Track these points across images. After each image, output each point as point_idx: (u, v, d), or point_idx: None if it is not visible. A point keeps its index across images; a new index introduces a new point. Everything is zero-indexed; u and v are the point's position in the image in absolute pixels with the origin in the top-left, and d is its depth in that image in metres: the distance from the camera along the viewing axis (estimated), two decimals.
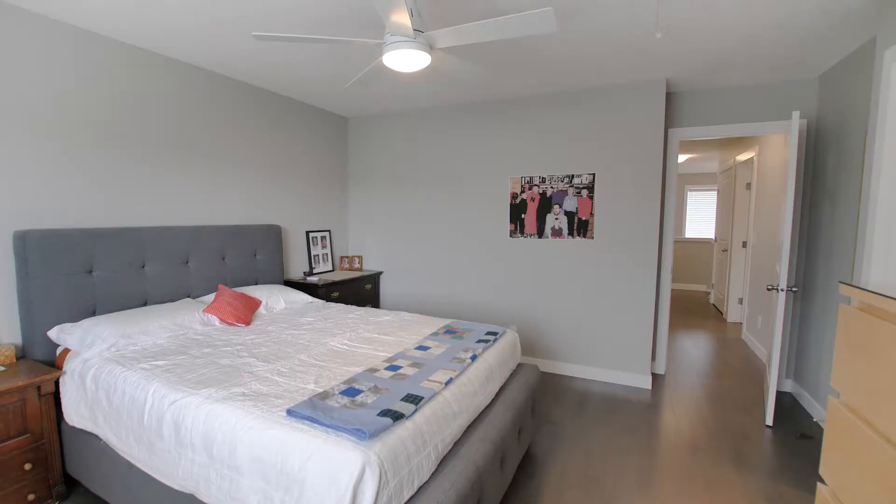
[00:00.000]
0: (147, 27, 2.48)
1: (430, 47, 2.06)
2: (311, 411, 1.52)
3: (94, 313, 2.46)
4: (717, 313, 6.44)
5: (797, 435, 2.86)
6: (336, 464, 1.32)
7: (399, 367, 2.00)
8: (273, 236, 3.67)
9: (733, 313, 5.90)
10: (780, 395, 3.50)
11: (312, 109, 4.27)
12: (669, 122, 3.79)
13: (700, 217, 8.90)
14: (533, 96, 3.87)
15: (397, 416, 1.52)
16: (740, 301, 5.76)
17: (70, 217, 2.48)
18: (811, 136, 3.38)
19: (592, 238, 3.75)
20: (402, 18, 1.86)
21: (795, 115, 2.83)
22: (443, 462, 1.66)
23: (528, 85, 3.58)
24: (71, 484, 2.22)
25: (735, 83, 3.51)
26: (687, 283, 8.53)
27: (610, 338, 3.76)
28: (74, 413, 2.05)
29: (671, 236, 3.83)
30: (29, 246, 2.21)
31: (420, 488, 1.50)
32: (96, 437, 1.98)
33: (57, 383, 2.11)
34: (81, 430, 2.04)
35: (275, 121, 3.84)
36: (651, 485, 2.33)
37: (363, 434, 1.38)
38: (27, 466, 1.98)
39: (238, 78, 3.41)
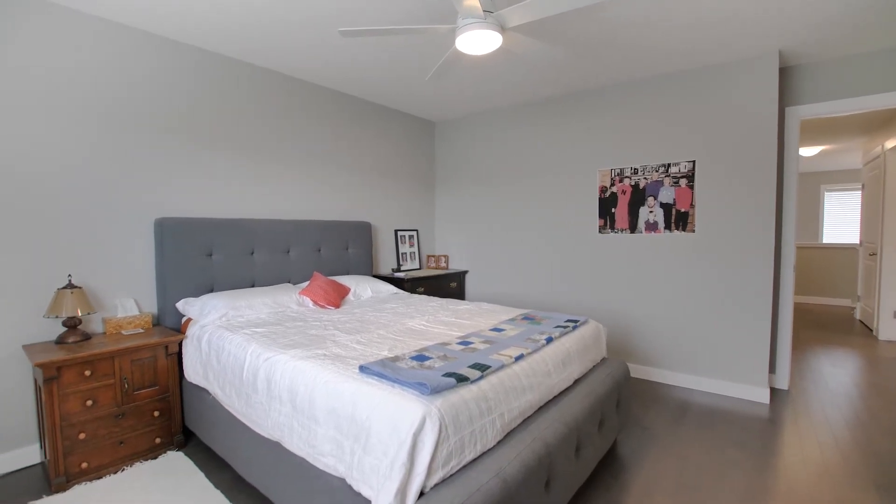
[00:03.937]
0: (255, 44, 2.87)
1: (501, 27, 2.08)
2: (381, 368, 1.58)
3: (211, 290, 2.84)
4: (866, 330, 5.40)
5: None
6: (399, 414, 1.35)
7: (471, 343, 2.00)
8: (364, 233, 3.92)
9: (887, 329, 4.89)
10: None
11: (402, 115, 4.53)
12: (786, 101, 3.33)
13: (841, 220, 7.61)
14: (620, 83, 3.68)
15: (461, 379, 1.51)
16: None
17: (196, 207, 2.91)
18: None
19: (693, 232, 3.41)
20: (471, 1, 1.91)
21: None
22: (510, 434, 1.61)
23: (615, 71, 3.42)
24: (188, 435, 2.55)
25: (870, 47, 2.97)
26: (827, 296, 7.27)
27: (716, 344, 3.34)
28: (192, 371, 2.37)
29: (793, 234, 3.31)
30: (165, 231, 2.64)
31: (484, 453, 1.48)
32: (207, 392, 2.26)
33: (180, 346, 2.46)
34: (197, 387, 2.35)
35: (368, 126, 4.14)
36: (761, 501, 2.00)
37: (425, 388, 1.40)
38: (156, 414, 2.33)
39: (333, 87, 3.75)
